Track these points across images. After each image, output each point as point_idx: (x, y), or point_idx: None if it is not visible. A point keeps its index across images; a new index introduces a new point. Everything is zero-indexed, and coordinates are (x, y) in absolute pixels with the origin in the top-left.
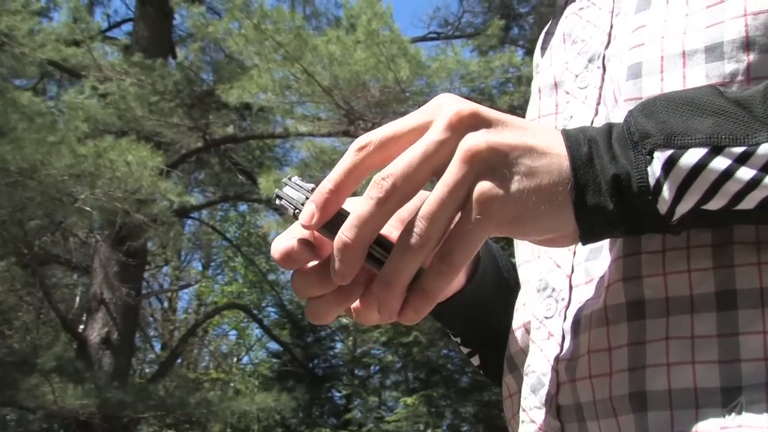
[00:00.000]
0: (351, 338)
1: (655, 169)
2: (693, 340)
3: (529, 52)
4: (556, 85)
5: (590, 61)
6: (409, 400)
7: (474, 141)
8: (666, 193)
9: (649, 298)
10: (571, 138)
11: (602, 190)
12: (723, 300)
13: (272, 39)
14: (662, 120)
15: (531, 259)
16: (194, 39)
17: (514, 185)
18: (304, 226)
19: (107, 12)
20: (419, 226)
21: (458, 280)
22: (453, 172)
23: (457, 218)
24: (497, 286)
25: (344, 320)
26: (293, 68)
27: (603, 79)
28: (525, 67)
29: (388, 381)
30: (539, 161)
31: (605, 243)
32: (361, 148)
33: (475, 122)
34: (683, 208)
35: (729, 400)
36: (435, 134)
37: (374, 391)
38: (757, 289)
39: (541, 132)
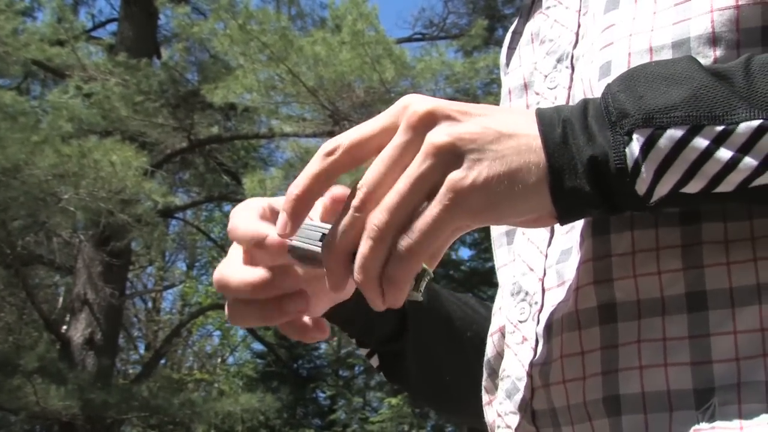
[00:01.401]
0: (335, 339)
1: (633, 150)
2: (665, 342)
3: None
4: (526, 86)
5: (559, 61)
6: (394, 401)
7: (437, 136)
8: (644, 174)
9: (620, 301)
10: (545, 119)
11: (578, 172)
12: (693, 301)
13: (257, 39)
14: (640, 95)
15: (508, 263)
16: (179, 39)
17: (483, 172)
18: (281, 236)
19: (92, 12)
20: (378, 217)
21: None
22: (416, 165)
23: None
24: None
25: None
26: (278, 69)
27: (572, 79)
28: None
29: (373, 381)
30: (506, 144)
31: (575, 245)
32: (328, 153)
33: (435, 118)
34: (662, 190)
35: (702, 401)
36: (398, 137)
37: (359, 391)
38: (727, 290)
39: (506, 114)
